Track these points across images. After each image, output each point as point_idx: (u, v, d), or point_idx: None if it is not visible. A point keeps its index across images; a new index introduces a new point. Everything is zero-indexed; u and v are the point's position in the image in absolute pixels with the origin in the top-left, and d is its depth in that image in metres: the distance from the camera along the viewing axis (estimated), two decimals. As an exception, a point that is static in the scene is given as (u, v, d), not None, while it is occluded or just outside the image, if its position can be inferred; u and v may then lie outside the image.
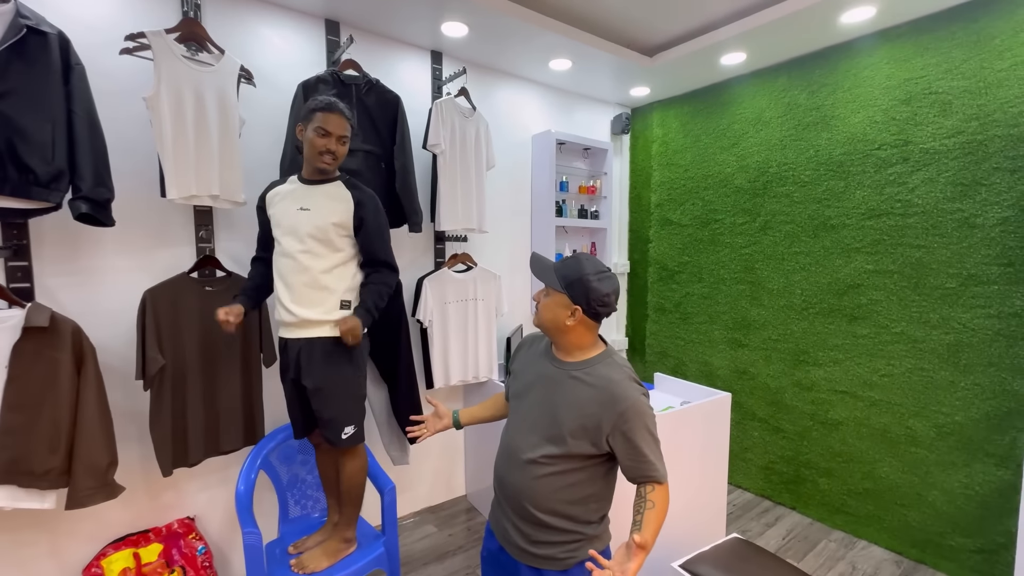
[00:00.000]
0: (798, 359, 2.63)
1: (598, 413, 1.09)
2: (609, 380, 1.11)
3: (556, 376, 1.17)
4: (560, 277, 1.13)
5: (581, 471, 1.13)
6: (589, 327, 1.16)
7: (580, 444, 1.10)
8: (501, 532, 1.24)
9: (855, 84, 2.37)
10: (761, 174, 2.75)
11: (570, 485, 1.13)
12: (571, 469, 1.12)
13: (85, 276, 1.71)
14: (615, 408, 1.08)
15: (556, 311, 1.14)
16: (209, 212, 1.91)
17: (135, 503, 1.82)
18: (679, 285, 3.23)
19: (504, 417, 1.49)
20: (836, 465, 2.49)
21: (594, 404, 1.10)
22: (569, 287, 1.12)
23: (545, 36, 2.35)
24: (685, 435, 2.00)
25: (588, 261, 1.14)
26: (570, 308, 1.12)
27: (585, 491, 1.15)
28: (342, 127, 1.57)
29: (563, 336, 1.17)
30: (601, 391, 1.10)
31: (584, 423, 1.10)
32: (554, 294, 1.15)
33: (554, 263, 1.18)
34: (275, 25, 2.05)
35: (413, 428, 1.42)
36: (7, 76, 1.33)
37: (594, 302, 1.11)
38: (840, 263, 2.44)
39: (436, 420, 1.43)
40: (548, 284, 1.16)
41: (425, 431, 1.41)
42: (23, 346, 1.44)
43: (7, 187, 1.34)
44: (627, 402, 1.08)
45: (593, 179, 3.20)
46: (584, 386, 1.13)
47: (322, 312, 1.58)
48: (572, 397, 1.13)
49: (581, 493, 1.14)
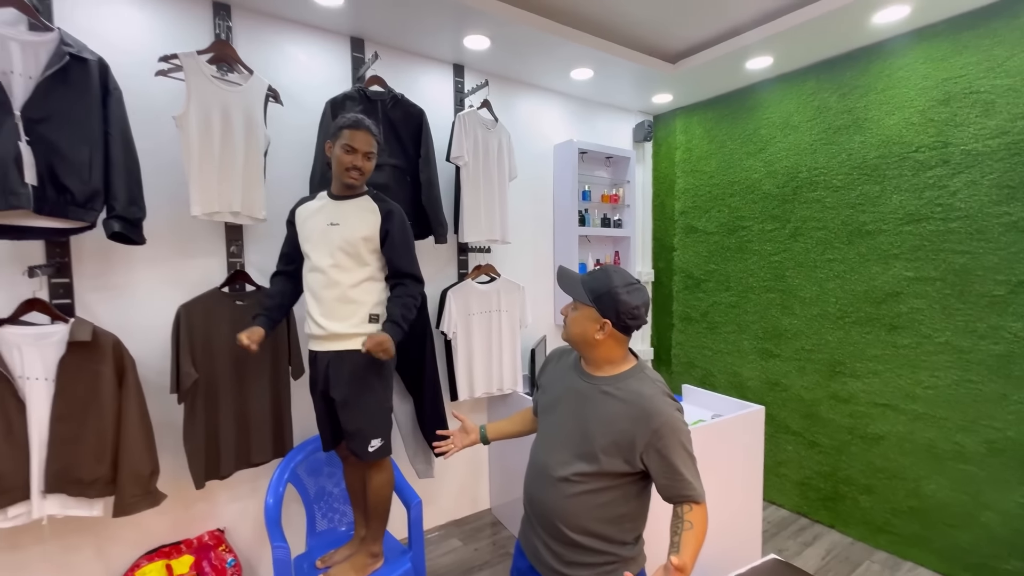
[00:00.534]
0: (834, 370, 2.53)
1: (631, 430, 1.06)
2: (641, 395, 1.08)
3: (586, 391, 1.15)
4: (588, 290, 1.11)
5: (614, 489, 1.10)
6: (619, 341, 1.13)
7: (613, 461, 1.07)
8: (532, 551, 1.21)
9: (889, 85, 2.29)
10: (790, 179, 2.68)
11: (603, 504, 1.10)
12: (604, 487, 1.09)
13: (121, 291, 1.76)
14: (649, 424, 1.04)
15: (585, 325, 1.12)
16: (239, 228, 1.95)
17: (169, 513, 1.86)
18: (706, 294, 3.16)
19: (532, 432, 1.47)
20: (878, 482, 2.38)
21: (626, 420, 1.07)
22: (597, 300, 1.09)
23: (567, 46, 2.35)
24: (717, 450, 1.93)
25: (616, 273, 1.11)
26: (599, 322, 1.10)
27: (618, 510, 1.11)
28: (368, 143, 1.59)
29: (592, 350, 1.14)
30: (633, 407, 1.07)
31: (616, 439, 1.07)
32: (582, 308, 1.13)
33: (581, 276, 1.16)
34: (302, 44, 2.10)
35: (440, 443, 1.40)
36: (49, 101, 1.38)
37: (624, 315, 1.08)
38: (877, 270, 2.35)
39: (463, 435, 1.41)
40: (576, 298, 1.14)
41: (452, 446, 1.39)
42: (68, 360, 1.49)
43: (46, 207, 1.39)
44: (661, 418, 1.05)
45: (616, 187, 3.17)
46: (615, 401, 1.10)
47: (351, 326, 1.59)
48: (603, 413, 1.10)
49: (614, 512, 1.11)
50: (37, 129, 1.36)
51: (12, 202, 1.32)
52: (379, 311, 1.65)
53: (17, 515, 1.45)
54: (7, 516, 1.44)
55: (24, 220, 1.39)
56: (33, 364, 1.46)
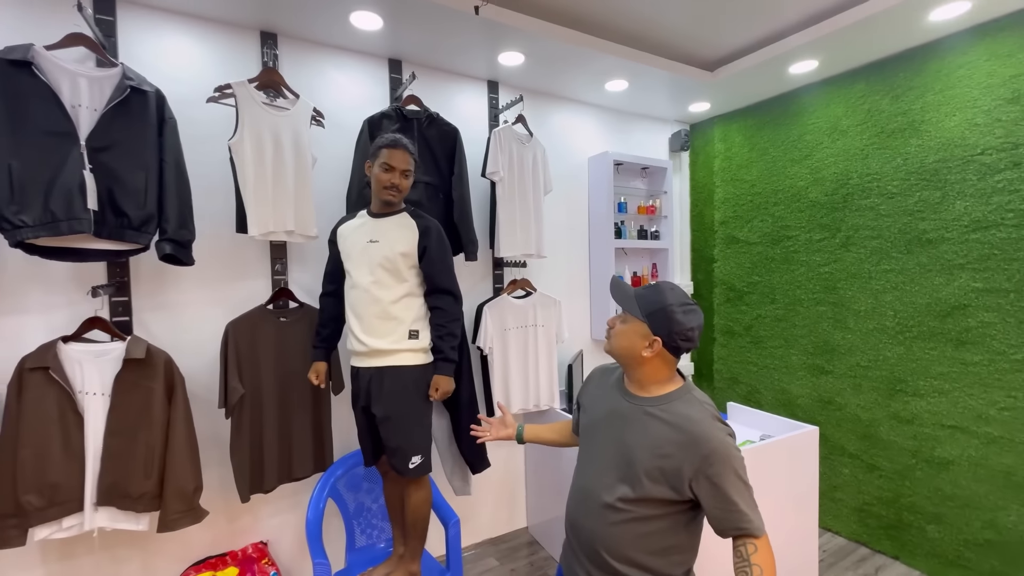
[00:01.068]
0: (894, 388, 2.37)
1: (677, 455, 1.00)
2: (689, 419, 1.03)
3: (629, 412, 1.10)
4: (642, 305, 1.08)
5: (661, 519, 1.04)
6: (667, 361, 1.09)
7: (658, 488, 1.02)
8: None
9: (948, 85, 2.15)
10: (840, 186, 2.55)
11: (649, 533, 1.05)
12: (651, 516, 1.04)
13: (175, 309, 1.84)
14: (698, 451, 0.99)
15: (633, 339, 1.09)
16: (283, 246, 2.01)
17: (214, 526, 1.90)
18: (749, 307, 3.03)
19: (568, 445, 1.43)
20: (948, 510, 2.19)
21: (672, 445, 1.02)
22: (650, 316, 1.06)
23: (601, 59, 2.33)
24: (768, 473, 1.83)
25: (672, 291, 1.08)
26: (648, 339, 1.07)
27: (667, 541, 1.06)
28: (405, 161, 1.62)
29: (638, 368, 1.10)
30: (681, 431, 1.02)
31: (661, 465, 1.02)
32: (632, 321, 1.09)
33: (636, 290, 1.13)
34: (343, 68, 2.16)
35: (477, 428, 1.43)
36: (112, 131, 1.47)
37: (676, 335, 1.05)
38: (940, 281, 2.19)
39: (501, 426, 1.43)
40: (628, 310, 1.11)
41: (487, 434, 1.41)
42: (123, 376, 1.55)
43: (105, 231, 1.47)
44: (711, 444, 0.99)
45: (652, 198, 3.11)
46: (661, 424, 1.05)
47: (391, 342, 1.61)
48: (647, 436, 1.05)
49: (662, 543, 1.05)
50: (99, 157, 1.45)
51: (76, 227, 1.40)
52: (419, 327, 1.66)
53: (71, 526, 1.50)
54: (62, 527, 1.50)
55: (85, 243, 1.47)
56: (92, 380, 1.53)
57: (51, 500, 1.47)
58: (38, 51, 1.40)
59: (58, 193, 1.39)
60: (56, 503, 1.47)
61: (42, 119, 1.39)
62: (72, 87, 1.44)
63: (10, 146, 1.35)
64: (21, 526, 1.45)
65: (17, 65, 1.36)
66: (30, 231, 1.37)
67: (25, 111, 1.37)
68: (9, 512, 1.43)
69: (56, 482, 1.47)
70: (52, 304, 1.65)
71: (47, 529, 1.48)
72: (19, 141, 1.36)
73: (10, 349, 1.54)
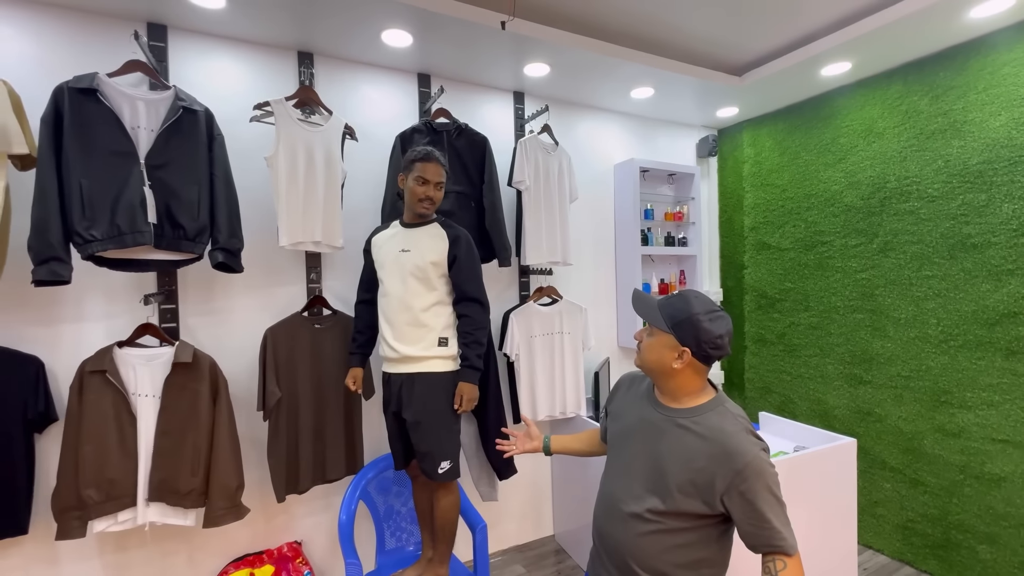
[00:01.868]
0: (938, 399, 2.26)
1: (710, 469, 0.99)
2: (723, 432, 1.01)
3: (660, 423, 1.09)
4: (667, 316, 1.06)
5: (692, 531, 1.03)
6: (698, 371, 1.07)
7: (689, 502, 1.01)
8: None
9: (991, 84, 2.07)
10: (877, 190, 2.47)
11: (679, 546, 1.03)
12: (680, 528, 1.03)
13: (217, 316, 1.94)
14: (731, 465, 0.97)
15: (662, 352, 1.07)
16: (318, 256, 2.10)
17: (253, 524, 1.98)
18: (781, 314, 2.96)
19: (596, 455, 1.43)
20: (1001, 530, 2.07)
21: (705, 458, 1.00)
22: (677, 327, 1.04)
23: (627, 67, 2.34)
24: (802, 486, 1.78)
25: (697, 299, 1.06)
26: (677, 350, 1.05)
27: (696, 554, 1.04)
28: (439, 174, 1.68)
29: (669, 380, 1.09)
30: (713, 444, 1.00)
31: (694, 479, 1.00)
32: (659, 334, 1.08)
33: (659, 300, 1.12)
34: (375, 83, 2.25)
35: (503, 442, 1.43)
36: (167, 149, 1.58)
37: (705, 344, 1.02)
38: (988, 288, 2.09)
39: (526, 440, 1.42)
40: (652, 323, 1.09)
41: (514, 448, 1.41)
42: (172, 379, 1.65)
43: (163, 242, 1.58)
44: (745, 458, 0.97)
45: (679, 205, 3.08)
46: (693, 437, 1.03)
47: (422, 348, 1.66)
48: (679, 448, 1.04)
49: (691, 556, 1.04)
50: (157, 174, 1.56)
51: (138, 239, 1.52)
52: (448, 334, 1.70)
53: (125, 520, 1.60)
54: (117, 520, 1.60)
55: (145, 254, 1.58)
56: (144, 382, 1.63)
57: (108, 495, 1.57)
58: (102, 79, 1.52)
59: (123, 208, 1.51)
60: (112, 498, 1.57)
61: (107, 141, 1.51)
62: (131, 110, 1.56)
63: (81, 167, 1.47)
64: (82, 519, 1.56)
65: (85, 93, 1.49)
66: (99, 244, 1.49)
67: (93, 134, 1.49)
68: (73, 505, 1.54)
69: (113, 478, 1.57)
70: (113, 311, 1.77)
71: (104, 522, 1.58)
72: (88, 162, 1.48)
73: (74, 353, 1.66)
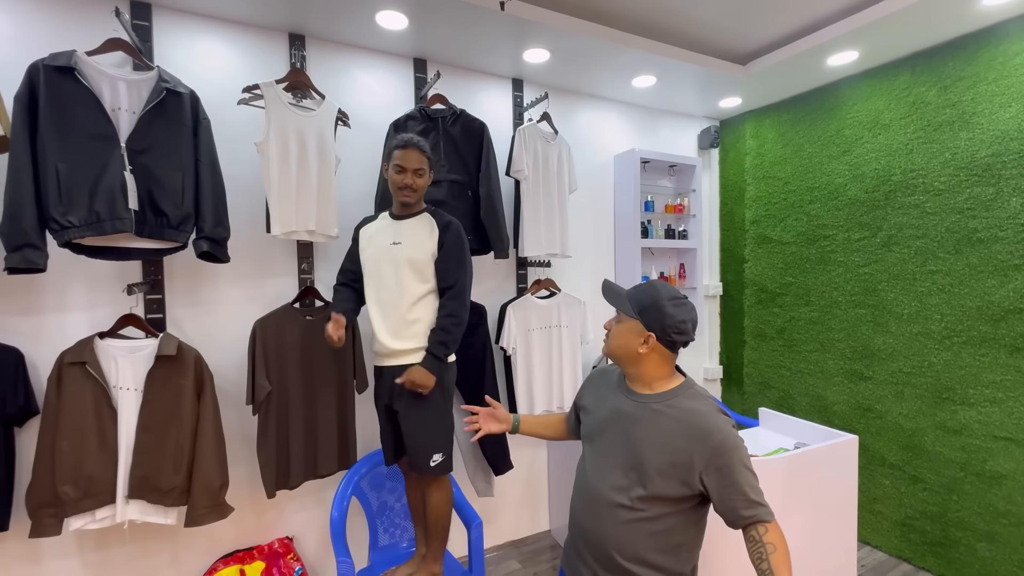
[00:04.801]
0: (940, 396, 2.24)
1: (688, 448, 1.01)
2: (696, 412, 1.04)
3: (634, 411, 1.10)
4: (634, 303, 1.10)
5: (671, 517, 1.05)
6: (664, 356, 1.10)
7: (669, 484, 1.02)
8: None
9: (1002, 74, 2.02)
10: (882, 183, 2.43)
11: (659, 532, 1.05)
12: (661, 515, 1.04)
13: (204, 307, 1.88)
14: (707, 442, 0.99)
15: (628, 338, 1.10)
16: (309, 246, 2.04)
17: (242, 520, 1.93)
18: (782, 309, 2.92)
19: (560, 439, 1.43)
20: (1001, 528, 2.05)
21: (681, 439, 1.02)
22: (643, 313, 1.08)
23: (629, 54, 2.28)
24: (803, 483, 1.74)
25: (663, 287, 1.10)
26: (643, 335, 1.08)
27: (676, 539, 1.06)
28: (416, 161, 1.61)
29: (637, 365, 1.11)
30: (688, 425, 1.03)
31: (673, 460, 1.02)
32: (626, 320, 1.11)
33: (627, 289, 1.14)
34: (369, 68, 2.18)
35: (470, 420, 1.38)
36: (149, 133, 1.51)
37: (669, 328, 1.06)
38: (993, 283, 2.06)
39: (491, 420, 1.36)
40: (620, 310, 1.13)
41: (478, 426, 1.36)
42: (155, 372, 1.59)
43: (145, 229, 1.51)
44: (719, 435, 1.00)
45: (680, 197, 3.03)
46: (667, 420, 1.05)
47: (414, 341, 1.61)
48: (655, 432, 1.05)
49: (672, 541, 1.06)
50: (139, 159, 1.49)
51: (118, 226, 1.45)
52: None
53: (104, 517, 1.55)
54: (95, 518, 1.54)
55: (126, 242, 1.51)
56: (126, 375, 1.57)
57: (86, 491, 1.51)
58: (80, 57, 1.45)
59: (102, 194, 1.44)
60: (90, 495, 1.52)
61: (85, 123, 1.43)
62: (112, 91, 1.49)
63: (57, 150, 1.40)
64: (58, 516, 1.50)
65: (62, 71, 1.41)
66: (77, 231, 1.43)
67: (70, 116, 1.42)
68: (48, 502, 1.48)
69: (91, 474, 1.51)
70: (95, 301, 1.71)
71: (81, 520, 1.53)
72: (65, 145, 1.41)
73: (56, 345, 1.59)
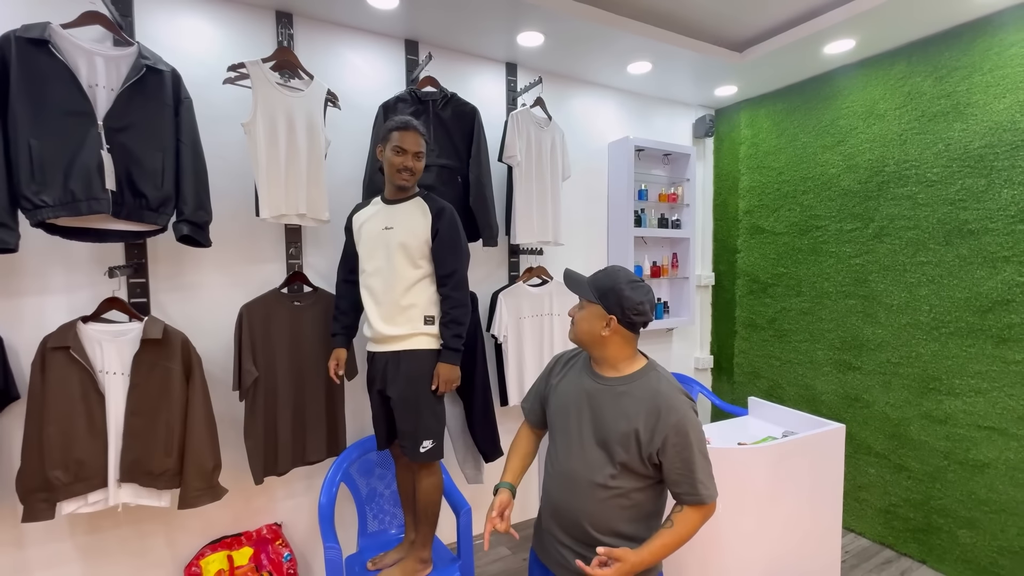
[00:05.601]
0: (927, 386, 2.26)
1: (648, 426, 1.05)
2: (658, 393, 1.08)
3: (599, 392, 1.14)
4: (594, 288, 1.13)
5: (642, 491, 1.10)
6: (626, 338, 1.13)
7: (632, 459, 1.06)
8: (555, 559, 1.18)
9: (998, 64, 2.01)
10: (875, 174, 2.42)
11: (633, 505, 1.10)
12: (633, 489, 1.09)
13: (190, 291, 1.85)
14: (667, 421, 1.04)
15: (592, 322, 1.13)
16: (298, 230, 2.00)
17: (232, 505, 1.92)
18: (773, 299, 2.93)
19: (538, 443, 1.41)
20: (982, 515, 2.09)
21: (642, 417, 1.06)
22: (603, 297, 1.11)
23: (624, 39, 2.24)
24: (790, 471, 1.76)
25: (621, 272, 1.14)
26: (605, 318, 1.11)
27: (646, 509, 1.12)
28: (417, 144, 1.59)
29: (601, 348, 1.14)
30: (649, 404, 1.07)
31: (635, 437, 1.06)
32: (589, 306, 1.14)
33: (588, 277, 1.19)
34: (359, 49, 2.12)
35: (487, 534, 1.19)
36: (128, 111, 1.46)
37: (628, 311, 1.09)
38: (982, 275, 2.07)
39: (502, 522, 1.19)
40: (582, 296, 1.16)
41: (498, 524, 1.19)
42: (141, 356, 1.57)
43: (124, 211, 1.47)
44: (678, 415, 1.05)
45: (674, 186, 3.01)
46: (630, 399, 1.09)
47: (408, 327, 1.60)
48: (618, 411, 1.09)
49: (642, 512, 1.11)
50: (117, 138, 1.44)
51: (94, 207, 1.41)
52: (433, 312, 1.65)
53: (96, 501, 1.54)
54: (87, 502, 1.53)
55: (103, 223, 1.47)
56: (111, 359, 1.54)
57: (77, 476, 1.50)
58: (55, 30, 1.39)
59: (77, 173, 1.39)
60: (81, 479, 1.50)
61: (60, 98, 1.38)
62: (89, 66, 1.43)
63: (29, 126, 1.35)
64: (50, 500, 1.48)
65: (35, 44, 1.36)
66: (50, 211, 1.38)
67: (43, 90, 1.37)
68: (38, 487, 1.47)
69: (81, 458, 1.49)
70: (75, 284, 1.67)
71: (74, 504, 1.52)
72: (38, 121, 1.36)
73: (36, 328, 1.56)
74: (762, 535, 1.72)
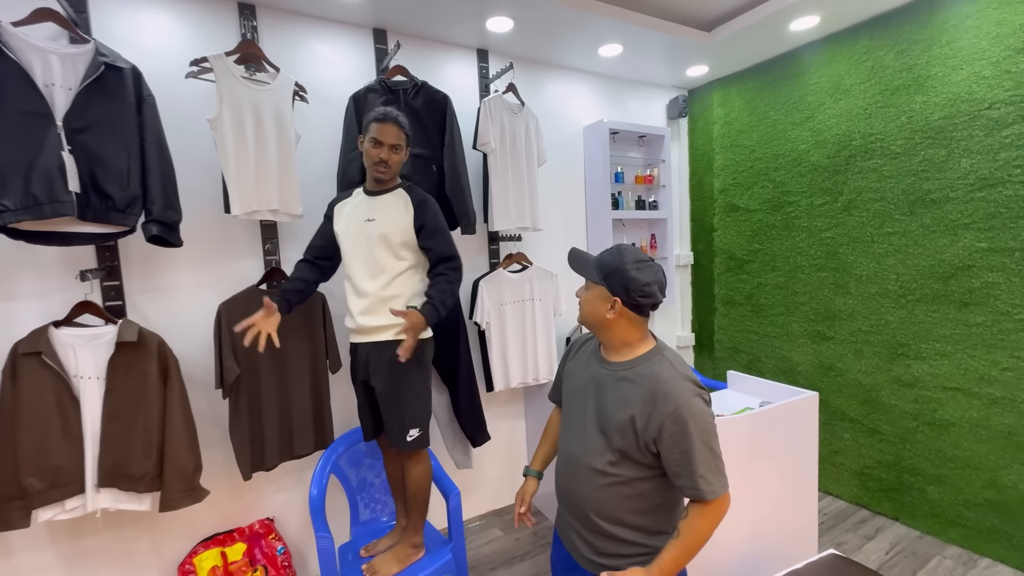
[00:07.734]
0: (895, 352, 2.35)
1: (644, 413, 1.00)
2: (657, 379, 1.02)
3: (604, 378, 1.11)
4: (598, 269, 1.08)
5: (644, 481, 1.06)
6: (633, 321, 1.07)
7: (630, 448, 1.03)
8: (568, 541, 1.19)
9: (955, 37, 2.07)
10: (842, 148, 2.48)
11: (636, 495, 1.06)
12: (636, 478, 1.05)
13: (166, 292, 1.83)
14: (663, 409, 0.98)
15: (596, 304, 1.08)
16: (274, 226, 1.98)
17: (220, 504, 1.93)
18: (749, 275, 3.00)
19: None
20: (948, 472, 2.20)
21: (639, 404, 1.01)
22: (607, 278, 1.06)
23: (594, 21, 2.24)
24: (767, 439, 1.83)
25: (628, 251, 1.07)
26: (609, 300, 1.05)
27: (652, 501, 1.07)
28: (394, 136, 1.58)
29: (607, 332, 1.09)
30: (647, 390, 1.01)
31: (631, 424, 1.02)
32: (593, 287, 1.09)
33: (593, 256, 1.13)
34: (326, 39, 2.09)
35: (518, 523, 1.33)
36: (88, 111, 1.43)
37: (634, 292, 1.03)
38: (944, 242, 2.15)
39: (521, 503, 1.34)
40: (587, 277, 1.11)
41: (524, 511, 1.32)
42: (117, 360, 1.55)
43: (90, 213, 1.45)
44: (675, 402, 0.97)
45: (650, 168, 3.04)
46: (630, 385, 1.05)
47: (390, 318, 1.59)
48: (619, 398, 1.06)
49: (648, 503, 1.07)
50: (78, 138, 1.41)
51: (58, 210, 1.38)
52: (416, 303, 1.65)
53: (74, 507, 1.52)
54: (65, 508, 1.52)
55: (69, 226, 1.45)
56: (86, 364, 1.53)
57: (53, 482, 1.48)
58: (5, 27, 1.35)
59: (38, 176, 1.36)
60: (58, 485, 1.49)
61: (15, 99, 1.35)
62: (44, 65, 1.40)
63: (-16, 129, 1.32)
64: (25, 508, 1.47)
65: (-16, 43, 1.32)
66: (12, 215, 1.35)
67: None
68: (13, 495, 1.45)
69: (57, 464, 1.48)
70: (45, 289, 1.64)
71: (51, 511, 1.50)
72: (-7, 123, 1.33)
73: (4, 336, 1.53)
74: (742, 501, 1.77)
